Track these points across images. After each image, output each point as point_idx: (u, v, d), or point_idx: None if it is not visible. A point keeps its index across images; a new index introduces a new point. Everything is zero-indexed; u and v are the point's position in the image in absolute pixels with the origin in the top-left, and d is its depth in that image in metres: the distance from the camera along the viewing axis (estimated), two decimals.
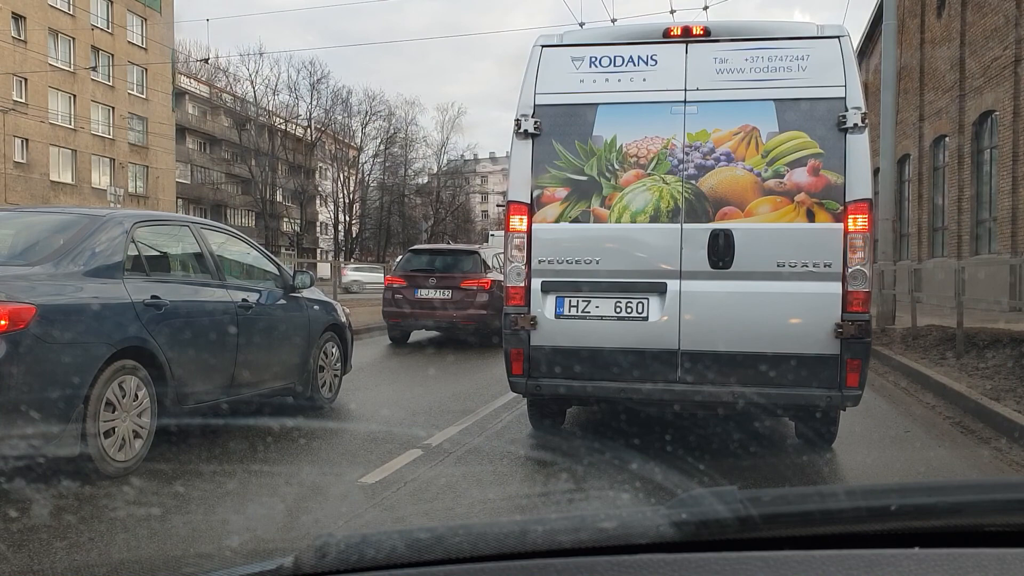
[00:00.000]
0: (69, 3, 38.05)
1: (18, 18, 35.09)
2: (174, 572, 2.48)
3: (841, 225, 4.59)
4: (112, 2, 40.93)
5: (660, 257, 4.80)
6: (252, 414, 5.86)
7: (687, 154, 4.78)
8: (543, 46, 5.00)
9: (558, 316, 4.90)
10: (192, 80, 56.61)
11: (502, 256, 6.54)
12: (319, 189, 62.93)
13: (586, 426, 6.02)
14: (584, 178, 4.89)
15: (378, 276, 30.75)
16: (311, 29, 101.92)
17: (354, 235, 62.41)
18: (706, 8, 15.46)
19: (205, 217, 37.48)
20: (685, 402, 4.85)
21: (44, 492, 3.96)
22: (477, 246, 14.39)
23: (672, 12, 16.85)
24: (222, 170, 58.05)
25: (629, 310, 4.82)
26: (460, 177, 70.35)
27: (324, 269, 38.19)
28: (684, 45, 4.85)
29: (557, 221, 4.92)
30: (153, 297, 4.69)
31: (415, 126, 72.51)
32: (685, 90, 4.80)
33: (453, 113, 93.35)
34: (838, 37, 4.72)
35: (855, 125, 4.60)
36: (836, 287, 4.60)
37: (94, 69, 39.13)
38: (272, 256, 6.52)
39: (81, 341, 4.18)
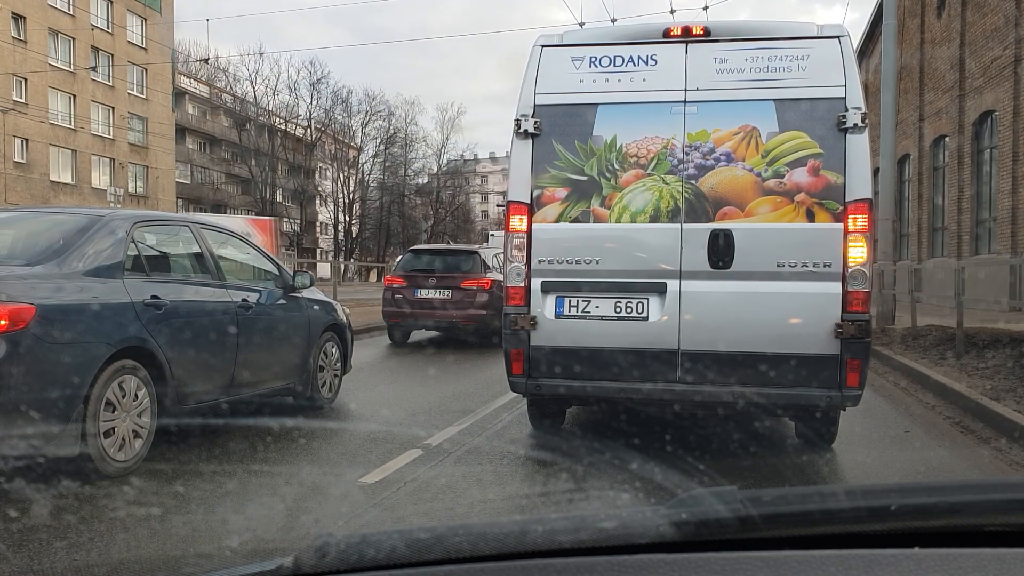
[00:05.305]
0: (69, 3, 38.04)
1: (18, 18, 35.09)
2: (174, 572, 2.49)
3: (841, 225, 4.59)
4: (112, 2, 40.92)
5: (660, 257, 4.80)
6: (252, 414, 5.86)
7: (687, 154, 4.78)
8: (543, 46, 5.00)
9: (558, 316, 4.89)
10: (192, 80, 56.59)
11: (502, 256, 6.54)
12: (319, 189, 62.87)
13: (586, 426, 6.01)
14: (584, 178, 4.89)
15: None
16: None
17: (354, 235, 62.37)
18: (706, 8, 15.47)
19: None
20: (685, 402, 4.86)
21: (44, 492, 3.96)
22: (477, 246, 14.37)
23: (672, 12, 16.82)
24: (222, 170, 58.03)
25: (629, 310, 4.82)
26: (460, 177, 70.29)
27: (324, 269, 38.15)
28: (684, 45, 4.85)
29: (557, 221, 4.92)
30: (153, 297, 4.69)
31: (415, 126, 72.50)
32: (685, 90, 4.80)
33: (453, 113, 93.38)
34: (838, 37, 4.72)
35: (855, 125, 4.60)
36: (836, 287, 4.60)
37: (94, 69, 39.12)
38: (272, 256, 6.52)
39: (81, 341, 4.18)
